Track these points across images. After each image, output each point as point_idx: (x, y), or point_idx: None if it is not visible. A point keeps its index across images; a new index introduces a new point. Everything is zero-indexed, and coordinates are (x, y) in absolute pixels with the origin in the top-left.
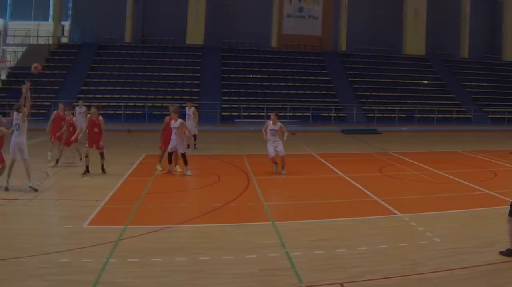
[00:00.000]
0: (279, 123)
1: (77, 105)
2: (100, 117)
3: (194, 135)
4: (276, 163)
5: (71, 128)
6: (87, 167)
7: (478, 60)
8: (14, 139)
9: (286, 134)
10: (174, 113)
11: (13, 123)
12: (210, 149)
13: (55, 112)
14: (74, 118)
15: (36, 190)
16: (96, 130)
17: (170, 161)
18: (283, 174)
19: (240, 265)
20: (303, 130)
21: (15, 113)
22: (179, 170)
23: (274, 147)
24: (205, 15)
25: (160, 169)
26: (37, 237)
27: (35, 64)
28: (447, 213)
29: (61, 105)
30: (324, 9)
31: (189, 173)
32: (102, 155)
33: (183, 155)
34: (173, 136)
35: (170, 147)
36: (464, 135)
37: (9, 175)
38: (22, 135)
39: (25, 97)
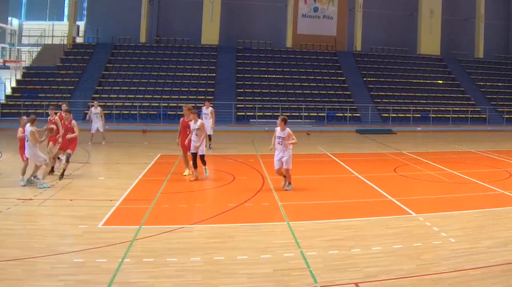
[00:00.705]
0: (287, 129)
1: (92, 105)
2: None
3: (209, 136)
4: (285, 177)
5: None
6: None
7: (493, 60)
8: (27, 150)
9: (292, 141)
10: (193, 114)
11: (26, 133)
12: (224, 149)
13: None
14: (56, 118)
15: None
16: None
17: (195, 165)
18: (288, 189)
19: (255, 265)
20: (317, 130)
21: (28, 124)
22: (186, 173)
23: (280, 157)
24: (220, 15)
25: (189, 173)
26: (51, 237)
27: None
28: (461, 213)
29: (64, 106)
30: (339, 9)
31: (207, 173)
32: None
33: (202, 157)
34: (193, 137)
35: (192, 148)
36: (478, 135)
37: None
38: (35, 147)
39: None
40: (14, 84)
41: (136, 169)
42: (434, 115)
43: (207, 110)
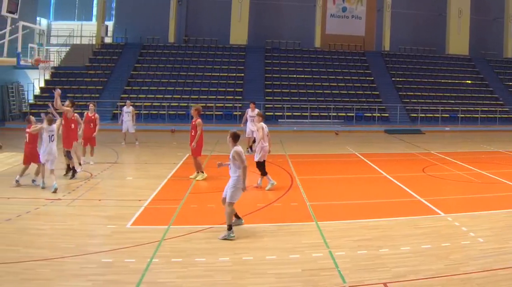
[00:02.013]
0: (236, 148)
1: (125, 104)
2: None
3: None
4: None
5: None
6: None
7: None
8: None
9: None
10: (260, 117)
11: (50, 132)
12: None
13: (85, 113)
14: (76, 115)
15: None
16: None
17: (265, 172)
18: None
19: (283, 265)
20: (346, 130)
21: (46, 124)
22: (192, 177)
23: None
24: (249, 15)
25: (195, 176)
26: (80, 237)
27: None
28: (490, 213)
29: (91, 106)
30: (367, 9)
31: (260, 182)
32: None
33: (260, 164)
34: (262, 143)
35: (264, 156)
36: (507, 135)
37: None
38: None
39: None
40: (42, 84)
41: (165, 169)
42: (462, 115)
43: (253, 113)
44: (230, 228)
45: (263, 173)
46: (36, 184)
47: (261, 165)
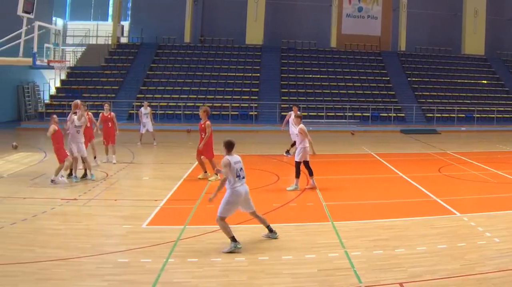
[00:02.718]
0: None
1: (142, 105)
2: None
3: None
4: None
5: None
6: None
7: None
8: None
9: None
10: (298, 118)
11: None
12: (269, 149)
13: (100, 114)
14: (90, 114)
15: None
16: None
17: (311, 173)
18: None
19: (299, 265)
20: (362, 130)
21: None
22: (206, 177)
23: None
24: (265, 15)
25: (203, 176)
26: (96, 237)
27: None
28: (506, 213)
29: (106, 106)
30: (383, 9)
31: (292, 187)
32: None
33: (299, 164)
34: (304, 144)
35: (304, 156)
36: None
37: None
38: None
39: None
40: (58, 84)
41: (181, 169)
42: (478, 115)
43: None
44: (233, 239)
45: (298, 174)
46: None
47: (299, 165)
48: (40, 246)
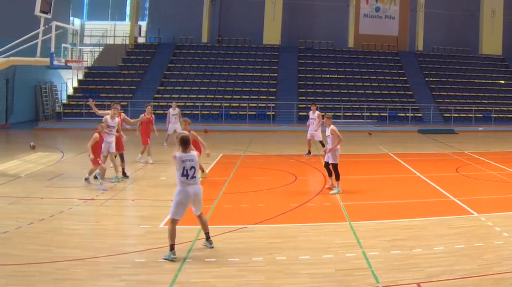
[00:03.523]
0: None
1: (171, 106)
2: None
3: (321, 142)
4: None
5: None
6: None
7: None
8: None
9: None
10: (329, 119)
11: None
12: (286, 148)
13: (141, 115)
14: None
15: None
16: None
17: (330, 174)
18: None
19: (317, 265)
20: (379, 130)
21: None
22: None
23: None
24: (282, 15)
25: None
26: (113, 237)
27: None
28: None
29: (148, 108)
30: (401, 9)
31: (336, 191)
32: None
33: (335, 167)
34: (331, 143)
35: (326, 157)
36: None
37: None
38: None
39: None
40: (75, 84)
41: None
42: (495, 115)
43: (314, 115)
44: (171, 248)
45: (338, 176)
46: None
47: (337, 167)
48: (57, 246)
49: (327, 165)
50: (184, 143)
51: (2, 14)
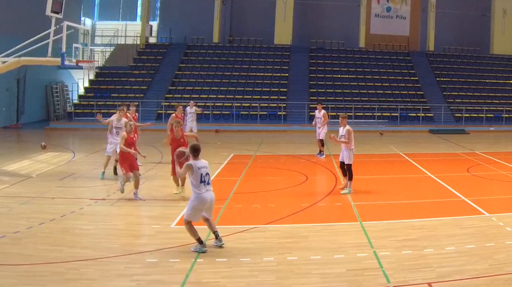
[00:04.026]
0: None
1: (188, 105)
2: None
3: (321, 141)
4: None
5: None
6: None
7: None
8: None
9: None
10: (344, 119)
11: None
12: (297, 148)
13: (172, 115)
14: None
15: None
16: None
17: (345, 173)
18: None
19: (328, 265)
20: (390, 130)
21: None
22: (176, 191)
23: None
24: (293, 15)
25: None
26: (124, 237)
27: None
28: None
29: (179, 108)
30: (412, 9)
31: (347, 191)
32: None
33: (350, 167)
34: (342, 146)
35: (341, 157)
36: None
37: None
38: None
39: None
40: (87, 84)
41: (210, 168)
42: (507, 115)
43: (319, 114)
44: (200, 241)
45: (351, 176)
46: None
47: (351, 168)
48: (68, 246)
49: (342, 164)
50: (195, 151)
51: (14, 14)
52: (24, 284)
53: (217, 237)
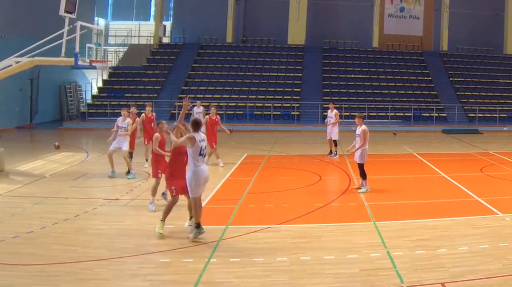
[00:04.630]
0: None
1: (195, 105)
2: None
3: (335, 141)
4: None
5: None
6: None
7: None
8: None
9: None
10: (360, 118)
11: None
12: (311, 148)
13: (207, 117)
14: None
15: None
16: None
17: (364, 176)
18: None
19: (341, 265)
20: (404, 130)
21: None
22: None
23: None
24: (306, 15)
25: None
26: (138, 237)
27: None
28: None
29: (213, 109)
30: (425, 9)
31: (364, 189)
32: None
33: (362, 166)
34: (364, 146)
35: (355, 157)
36: None
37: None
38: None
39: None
40: (100, 84)
41: (223, 168)
42: None
43: (331, 113)
44: (198, 226)
45: (365, 175)
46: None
47: (363, 167)
48: (82, 246)
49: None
50: (196, 125)
51: (27, 14)
52: (37, 284)
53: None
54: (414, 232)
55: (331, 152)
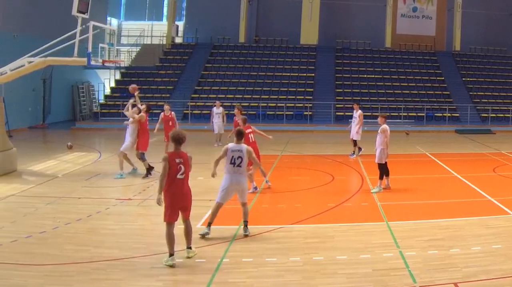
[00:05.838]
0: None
1: (214, 105)
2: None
3: (355, 141)
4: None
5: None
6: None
7: None
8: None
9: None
10: (383, 118)
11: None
12: (324, 148)
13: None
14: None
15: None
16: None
17: (387, 174)
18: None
19: (354, 265)
20: (416, 130)
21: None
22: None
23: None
24: (319, 15)
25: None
26: (150, 237)
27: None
28: None
29: (237, 111)
30: (438, 9)
31: (377, 189)
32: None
33: (379, 166)
34: (378, 142)
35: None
36: None
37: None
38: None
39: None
40: (113, 84)
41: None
42: None
43: (356, 113)
44: (208, 224)
45: (382, 176)
46: None
47: (382, 167)
48: (94, 246)
49: (383, 166)
50: (238, 135)
51: (40, 15)
52: (50, 284)
53: (245, 226)
54: (427, 232)
55: (354, 153)
